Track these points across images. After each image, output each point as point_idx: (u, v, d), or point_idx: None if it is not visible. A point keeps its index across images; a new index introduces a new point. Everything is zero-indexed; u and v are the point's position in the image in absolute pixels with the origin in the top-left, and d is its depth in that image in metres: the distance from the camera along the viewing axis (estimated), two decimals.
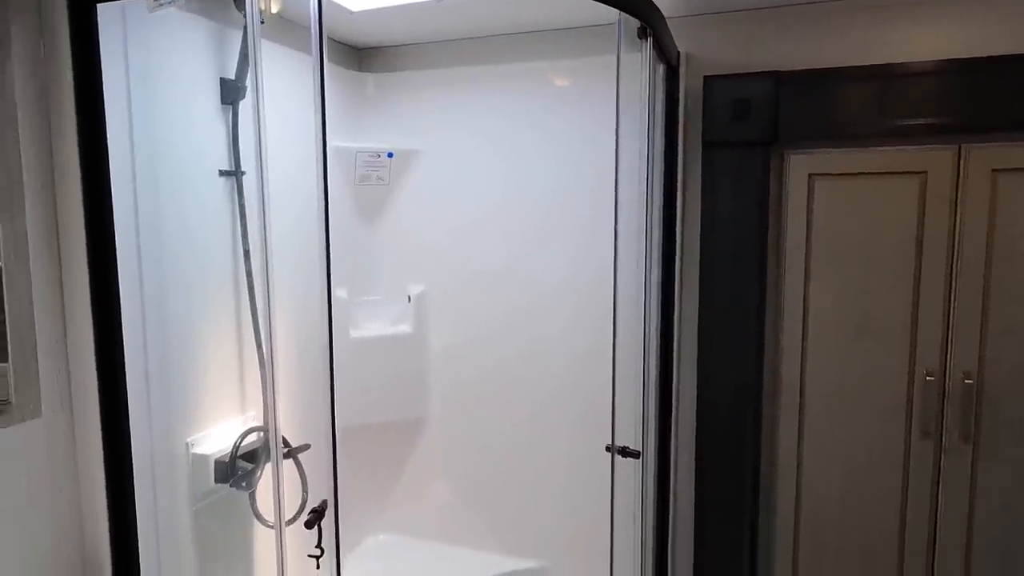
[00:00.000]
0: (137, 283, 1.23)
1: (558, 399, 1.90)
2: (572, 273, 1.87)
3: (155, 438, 1.29)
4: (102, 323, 1.13)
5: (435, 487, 2.04)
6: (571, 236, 1.86)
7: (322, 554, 1.20)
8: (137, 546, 1.23)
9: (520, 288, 1.91)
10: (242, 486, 1.41)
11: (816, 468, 1.64)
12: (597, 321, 1.85)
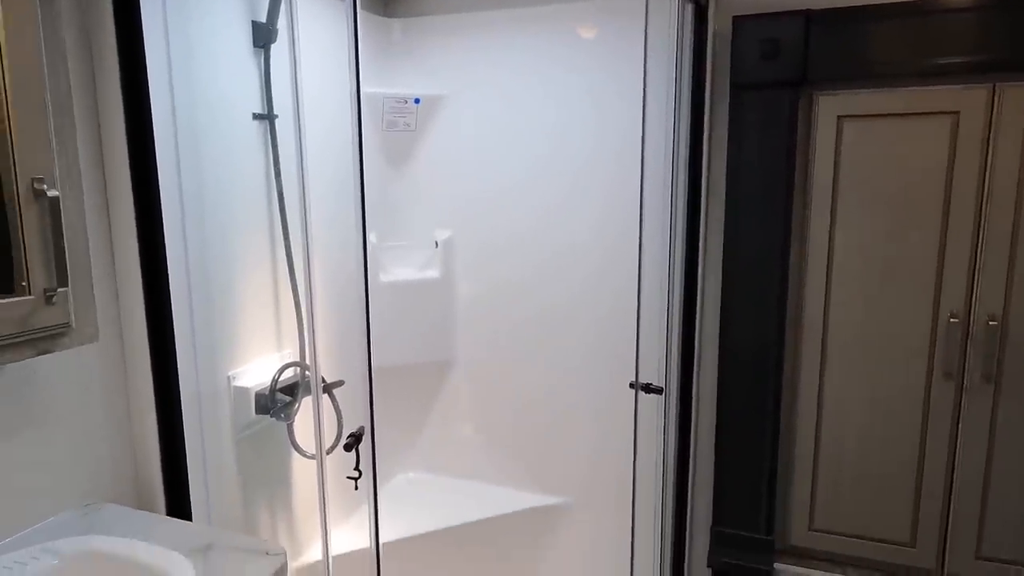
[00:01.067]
0: (179, 221, 1.28)
1: (583, 340, 1.94)
2: (598, 216, 1.89)
3: (199, 370, 1.36)
4: (148, 256, 1.19)
5: (462, 427, 2.11)
6: (598, 180, 1.87)
7: (359, 476, 1.27)
8: (186, 470, 1.30)
9: (546, 232, 1.93)
10: (281, 417, 1.48)
11: (836, 407, 1.67)
12: (622, 262, 1.87)
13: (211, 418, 1.39)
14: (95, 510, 1.16)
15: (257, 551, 1.02)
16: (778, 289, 1.65)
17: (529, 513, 2.02)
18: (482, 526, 1.98)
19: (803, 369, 1.68)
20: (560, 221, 1.92)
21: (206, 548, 1.03)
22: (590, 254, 1.91)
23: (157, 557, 1.00)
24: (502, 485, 2.09)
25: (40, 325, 0.90)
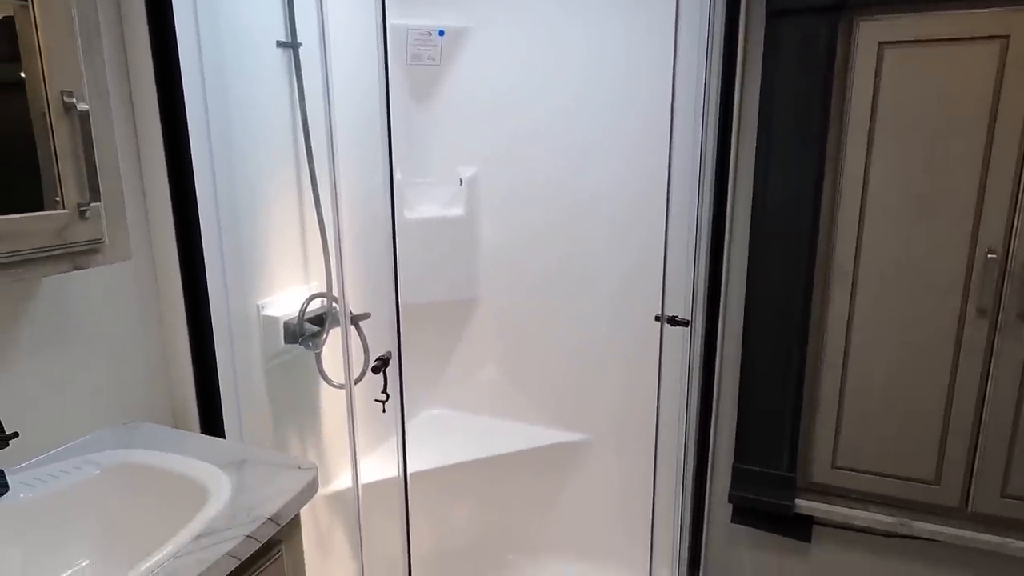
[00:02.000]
0: (206, 146, 1.28)
1: (609, 276, 1.93)
2: (627, 154, 1.85)
3: (229, 297, 1.38)
4: (176, 179, 1.19)
5: (486, 365, 2.13)
6: (628, 115, 1.83)
7: (387, 399, 1.29)
8: (219, 394, 1.34)
9: (573, 170, 1.91)
10: (309, 347, 1.50)
11: (865, 344, 1.65)
12: (650, 198, 1.85)
13: (242, 345, 1.42)
14: (133, 428, 1.20)
15: (289, 465, 1.05)
16: (809, 224, 1.62)
17: (552, 449, 2.06)
18: (505, 460, 2.01)
19: (832, 305, 1.66)
20: (588, 159, 1.89)
21: (240, 462, 1.06)
22: (618, 192, 1.88)
23: (193, 469, 1.03)
24: (526, 422, 2.12)
25: (75, 240, 0.91)
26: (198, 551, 0.84)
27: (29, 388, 1.07)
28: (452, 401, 2.18)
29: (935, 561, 1.73)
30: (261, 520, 0.91)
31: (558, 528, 2.14)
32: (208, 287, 1.29)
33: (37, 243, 0.87)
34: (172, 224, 1.20)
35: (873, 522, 1.68)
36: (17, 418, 1.05)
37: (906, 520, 1.66)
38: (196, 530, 0.88)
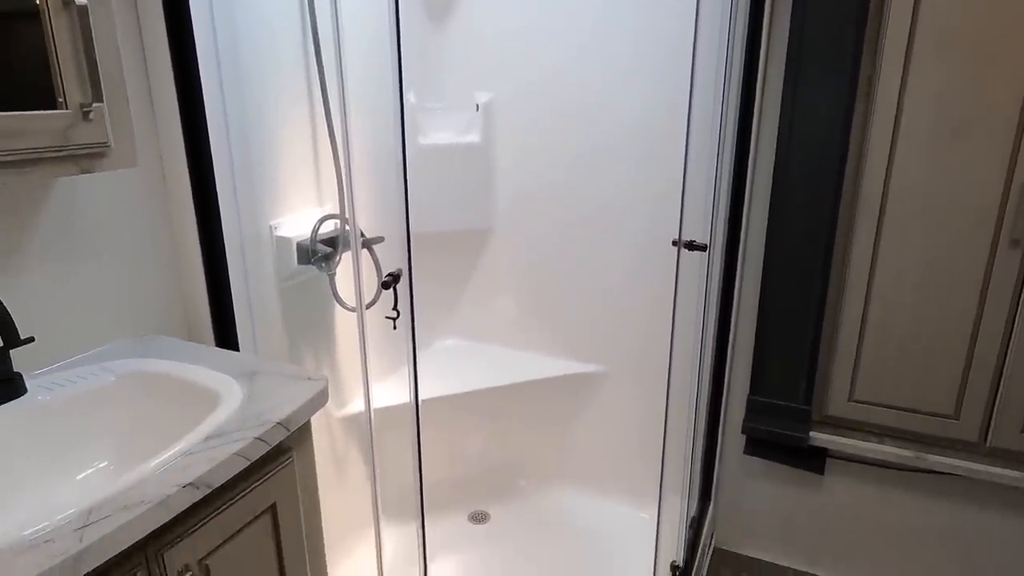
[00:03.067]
0: (213, 55, 1.25)
1: (624, 203, 1.89)
2: (644, 81, 1.78)
3: (241, 215, 1.37)
4: (184, 87, 1.17)
5: (501, 295, 2.12)
6: (648, 43, 1.76)
7: (398, 316, 1.28)
8: (232, 311, 1.34)
9: (592, 96, 1.84)
10: (322, 267, 1.49)
11: (890, 274, 1.60)
12: (671, 128, 1.79)
13: (255, 264, 1.42)
14: (148, 340, 1.22)
15: (300, 377, 1.05)
16: (838, 152, 1.56)
17: (567, 379, 2.06)
18: (519, 389, 2.02)
19: (857, 235, 1.61)
20: (609, 91, 1.82)
21: (252, 373, 1.07)
22: (638, 125, 1.82)
23: (206, 377, 1.04)
24: (541, 353, 2.12)
25: (79, 141, 0.90)
26: (208, 450, 0.85)
27: (42, 296, 1.08)
28: (467, 331, 2.19)
29: (949, 495, 1.72)
30: (270, 424, 0.91)
31: (570, 457, 2.16)
32: (219, 204, 1.29)
33: (41, 142, 0.85)
34: (181, 135, 1.18)
35: (888, 455, 1.67)
36: (32, 325, 1.07)
37: (922, 453, 1.65)
38: (206, 431, 0.89)
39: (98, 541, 0.69)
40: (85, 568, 0.68)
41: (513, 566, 1.84)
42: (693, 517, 1.88)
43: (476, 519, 2.05)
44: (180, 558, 0.82)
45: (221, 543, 0.89)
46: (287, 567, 1.02)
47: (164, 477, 0.79)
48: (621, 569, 1.82)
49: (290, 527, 1.01)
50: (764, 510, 1.93)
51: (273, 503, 0.97)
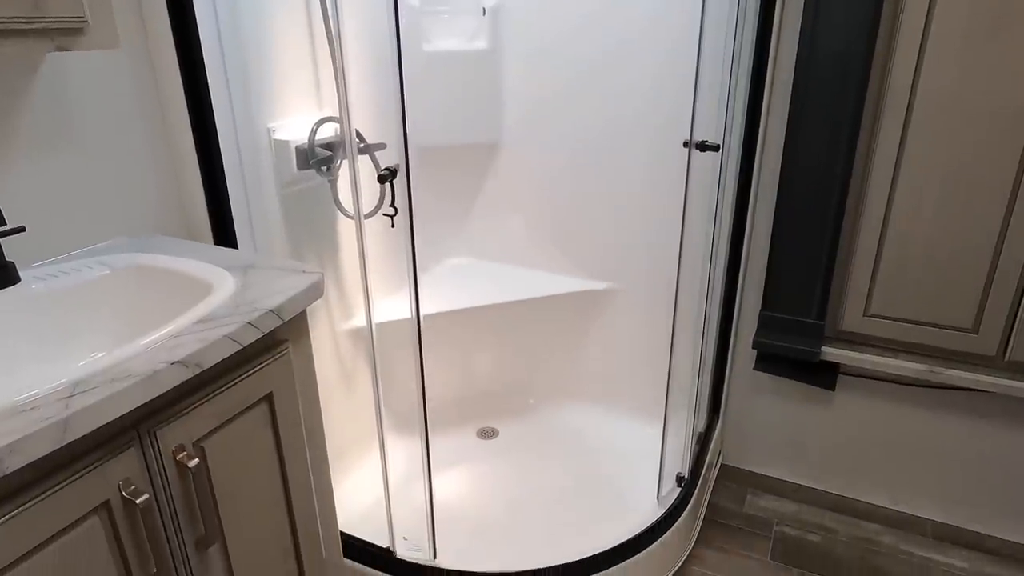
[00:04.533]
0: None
1: (637, 111, 1.81)
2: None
3: (236, 114, 1.33)
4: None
5: (510, 212, 2.07)
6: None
7: (395, 213, 1.25)
8: (231, 213, 1.32)
9: (603, 3, 1.75)
10: (323, 171, 1.46)
11: (913, 182, 1.53)
12: (686, 34, 1.69)
13: (252, 166, 1.38)
14: (145, 239, 1.20)
15: (295, 270, 1.03)
16: (865, 44, 1.46)
17: (577, 296, 2.04)
18: (528, 305, 2.00)
19: (881, 137, 1.53)
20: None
21: (247, 267, 1.05)
22: (652, 33, 1.72)
23: (200, 269, 1.02)
24: (551, 271, 2.09)
25: (52, 13, 0.86)
26: (198, 332, 0.84)
27: (33, 188, 1.06)
28: (476, 250, 2.15)
29: (963, 411, 1.69)
30: (262, 311, 0.90)
31: (581, 375, 2.16)
32: (213, 102, 1.25)
33: (8, 11, 0.81)
34: (168, 25, 1.13)
35: (902, 370, 1.64)
36: (24, 217, 1.05)
37: (937, 368, 1.61)
38: (197, 316, 0.87)
39: (83, 410, 0.69)
40: (72, 435, 0.68)
41: (521, 479, 1.86)
42: (700, 432, 1.88)
43: (485, 435, 2.07)
44: (174, 437, 0.82)
45: (216, 428, 0.89)
46: (287, 459, 1.02)
47: (153, 355, 0.78)
48: (628, 481, 1.83)
49: (288, 420, 1.01)
50: (773, 427, 1.92)
51: (269, 393, 0.97)
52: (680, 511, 1.63)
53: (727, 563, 1.68)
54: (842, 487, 1.90)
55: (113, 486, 0.76)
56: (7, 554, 0.66)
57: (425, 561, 1.47)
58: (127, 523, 0.78)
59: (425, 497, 1.44)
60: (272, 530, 1.02)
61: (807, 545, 1.74)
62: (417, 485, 1.81)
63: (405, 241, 1.16)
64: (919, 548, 1.73)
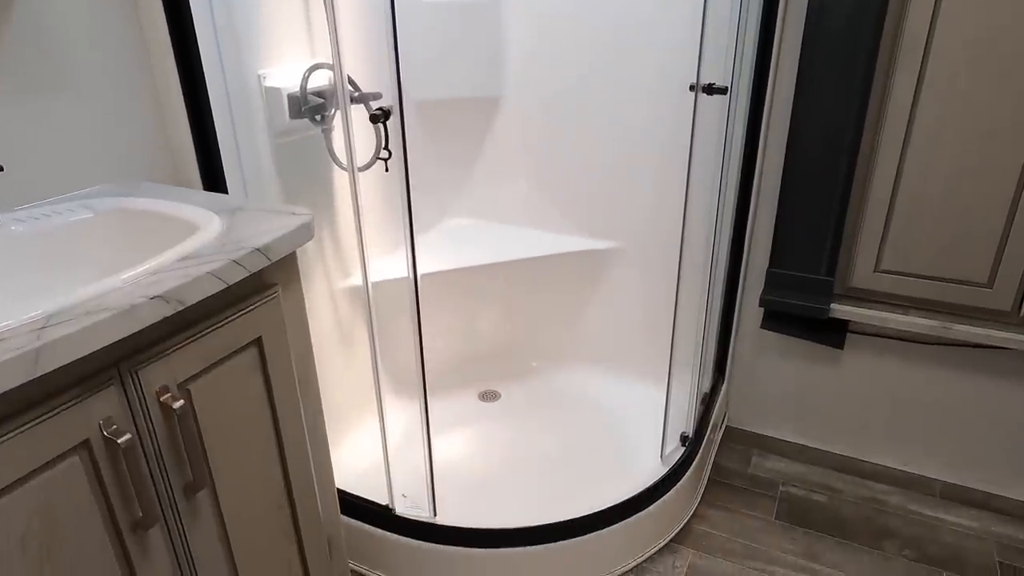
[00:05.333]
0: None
1: (642, 60, 1.76)
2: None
3: (224, 60, 1.28)
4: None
5: (513, 170, 2.02)
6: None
7: (389, 156, 1.21)
8: (221, 161, 1.28)
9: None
10: (316, 120, 1.41)
11: (929, 132, 1.47)
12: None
13: (243, 114, 1.34)
14: (132, 184, 1.16)
15: (284, 212, 0.99)
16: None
17: (581, 256, 1.99)
18: (531, 265, 1.97)
19: (896, 83, 1.47)
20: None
21: (235, 209, 1.01)
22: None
23: (186, 212, 0.99)
24: (554, 231, 2.05)
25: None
26: (180, 269, 0.80)
27: (12, 128, 1.02)
28: (477, 211, 2.11)
29: (974, 368, 1.65)
30: (248, 249, 0.86)
31: (585, 337, 2.12)
32: (200, 46, 1.20)
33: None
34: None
35: (913, 326, 1.60)
36: (3, 160, 1.01)
37: (950, 324, 1.57)
38: (180, 253, 0.84)
39: (56, 341, 0.65)
40: (45, 367, 0.65)
41: (522, 440, 1.84)
42: (705, 393, 1.85)
43: (486, 398, 2.04)
44: (157, 378, 0.79)
45: (203, 371, 0.86)
46: (279, 408, 0.99)
47: (132, 290, 0.75)
48: (632, 441, 1.81)
49: (280, 367, 0.98)
50: (779, 387, 1.89)
51: (259, 338, 0.93)
52: (684, 470, 1.60)
53: (731, 522, 1.66)
54: (849, 448, 1.87)
55: (93, 425, 0.73)
56: None
57: (425, 518, 1.45)
58: (109, 464, 0.75)
59: (424, 453, 1.41)
60: (265, 480, 0.99)
61: (813, 505, 1.72)
62: (417, 446, 1.79)
63: (400, 187, 1.12)
64: (927, 508, 1.71)
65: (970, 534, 1.62)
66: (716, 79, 1.36)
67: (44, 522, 0.69)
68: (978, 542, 1.60)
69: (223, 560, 0.93)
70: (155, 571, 0.83)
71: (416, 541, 1.43)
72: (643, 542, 1.56)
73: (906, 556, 1.56)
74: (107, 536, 0.76)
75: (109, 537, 0.77)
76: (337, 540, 1.20)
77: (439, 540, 1.42)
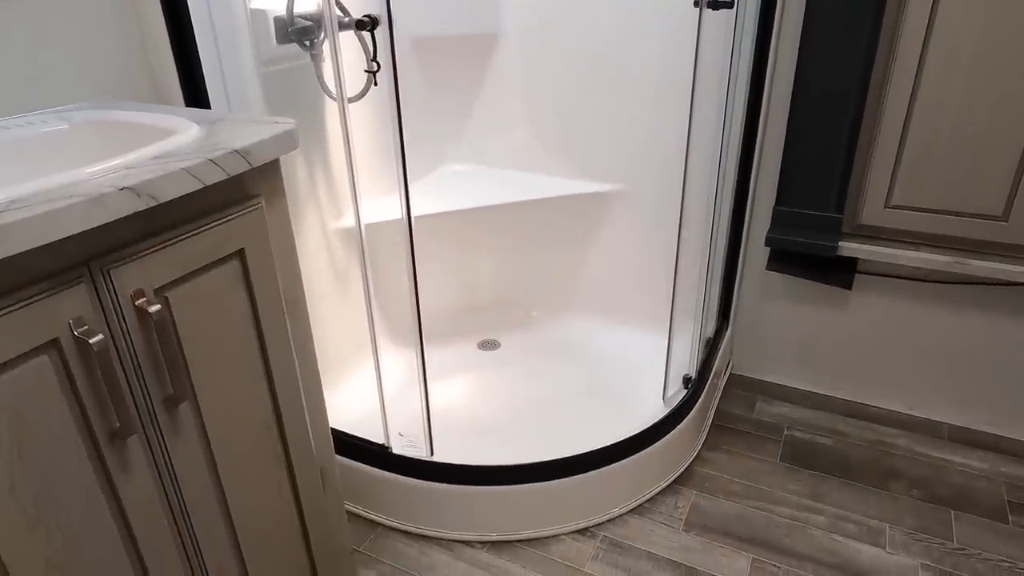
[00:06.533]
0: None
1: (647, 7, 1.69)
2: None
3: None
4: None
5: (512, 112, 1.97)
6: None
7: (378, 68, 1.16)
8: (204, 86, 1.23)
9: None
10: (305, 45, 1.36)
11: (944, 55, 1.41)
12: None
13: (228, 37, 1.28)
14: (111, 103, 1.11)
15: (268, 122, 0.95)
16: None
17: (582, 199, 1.94)
18: (531, 207, 1.92)
19: (910, 7, 1.40)
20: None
21: (216, 120, 0.96)
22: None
23: (164, 120, 0.94)
24: (554, 175, 2.00)
25: None
26: (152, 165, 0.76)
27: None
28: (476, 156, 2.06)
29: (988, 306, 1.61)
30: (226, 150, 0.82)
31: (586, 285, 2.08)
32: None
33: None
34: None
35: (925, 263, 1.55)
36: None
37: (963, 259, 1.52)
38: (155, 152, 0.80)
39: (15, 224, 0.61)
40: (5, 252, 0.61)
41: (523, 386, 1.81)
42: (709, 338, 1.81)
43: (486, 347, 2.01)
44: (131, 280, 0.76)
45: (181, 278, 0.82)
46: (264, 326, 0.96)
47: (100, 181, 0.71)
48: (635, 387, 1.78)
49: (264, 283, 0.94)
50: (785, 332, 1.85)
51: (241, 249, 0.89)
52: (687, 411, 1.57)
53: (734, 464, 1.63)
54: (856, 392, 1.83)
55: (63, 324, 0.69)
56: None
57: (422, 456, 1.42)
58: (82, 367, 0.72)
59: (420, 389, 1.38)
60: (251, 400, 0.96)
61: (818, 448, 1.69)
62: (415, 393, 1.76)
63: (391, 108, 1.07)
64: (935, 450, 1.67)
65: (979, 475, 1.59)
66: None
67: (13, 420, 0.66)
68: (987, 482, 1.57)
69: (208, 475, 0.90)
70: (135, 483, 0.80)
71: (413, 480, 1.41)
72: (645, 482, 1.53)
73: (913, 496, 1.53)
74: (82, 443, 0.73)
75: (84, 445, 0.74)
76: (331, 473, 1.17)
77: (436, 478, 1.40)
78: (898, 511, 1.49)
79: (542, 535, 1.43)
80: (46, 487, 0.70)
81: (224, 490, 0.93)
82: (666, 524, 1.47)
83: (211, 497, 0.92)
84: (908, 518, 1.47)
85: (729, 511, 1.50)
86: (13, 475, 0.68)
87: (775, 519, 1.48)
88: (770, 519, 1.48)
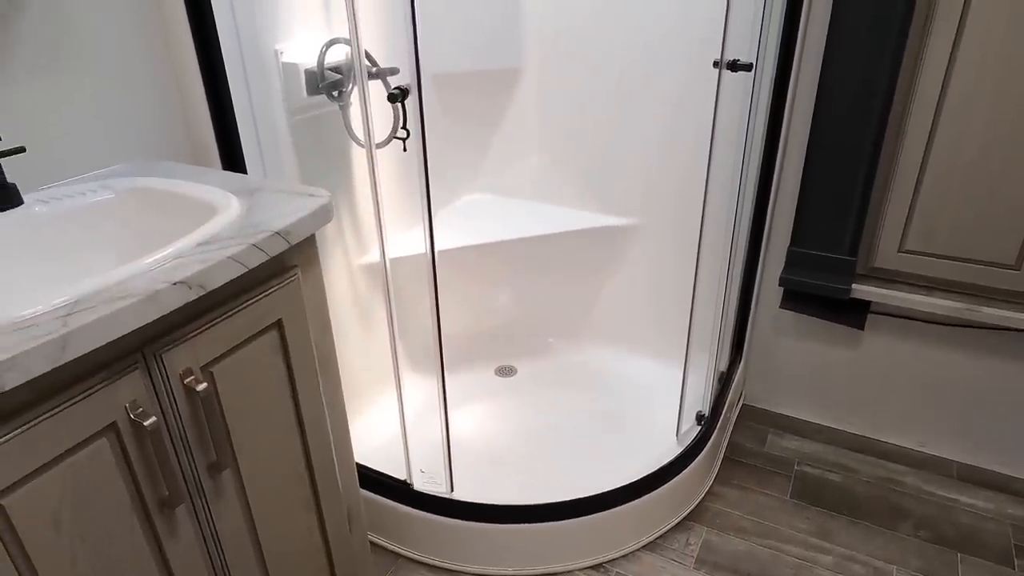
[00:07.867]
0: None
1: (664, 34, 1.72)
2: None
3: (241, 35, 1.27)
4: None
5: (531, 145, 2.00)
6: None
7: (407, 136, 1.20)
8: (239, 140, 1.28)
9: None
10: (333, 96, 1.40)
11: (962, 102, 1.43)
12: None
13: (260, 90, 1.33)
14: (151, 164, 1.16)
15: (302, 193, 0.99)
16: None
17: (598, 232, 1.98)
18: (549, 241, 1.96)
19: (930, 48, 1.42)
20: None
21: (254, 190, 1.01)
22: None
23: (204, 192, 0.99)
24: (571, 207, 2.03)
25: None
26: (200, 254, 0.81)
27: (34, 111, 1.02)
28: (495, 187, 2.09)
29: (998, 351, 1.63)
30: (268, 233, 0.86)
31: (602, 315, 2.12)
32: (216, 20, 1.19)
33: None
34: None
35: (937, 308, 1.57)
36: (25, 140, 1.02)
37: (974, 306, 1.54)
38: (201, 237, 0.84)
39: (82, 328, 0.66)
40: (72, 354, 0.66)
41: (539, 415, 1.85)
42: (722, 372, 1.84)
43: (503, 373, 2.05)
44: (180, 361, 0.80)
45: (225, 353, 0.87)
46: (299, 387, 1.01)
47: (153, 275, 0.76)
48: (648, 420, 1.82)
49: (300, 347, 0.99)
50: (797, 367, 1.88)
51: (279, 320, 0.94)
52: (699, 449, 1.61)
53: (745, 500, 1.67)
54: (866, 428, 1.86)
55: (120, 408, 0.74)
56: (13, 471, 0.65)
57: (442, 493, 1.47)
58: (136, 446, 0.77)
59: (441, 428, 1.43)
60: (286, 457, 1.01)
61: (827, 484, 1.72)
62: (434, 421, 1.81)
63: (418, 164, 1.11)
64: (943, 489, 1.70)
65: (986, 516, 1.62)
66: (741, 55, 1.32)
67: (75, 502, 0.71)
68: (994, 524, 1.60)
69: (247, 534, 0.95)
70: (183, 548, 0.85)
71: (434, 516, 1.46)
72: (657, 520, 1.57)
73: (920, 536, 1.56)
74: (135, 515, 0.78)
75: (137, 516, 0.79)
76: (356, 512, 1.22)
77: (456, 515, 1.45)
78: (904, 552, 1.52)
79: (558, 570, 1.48)
80: (102, 554, 0.75)
81: (260, 540, 0.99)
82: (677, 561, 1.51)
83: (248, 550, 0.97)
84: (914, 560, 1.51)
85: (739, 548, 1.54)
86: (73, 548, 0.73)
87: (783, 558, 1.51)
88: (778, 557, 1.52)
